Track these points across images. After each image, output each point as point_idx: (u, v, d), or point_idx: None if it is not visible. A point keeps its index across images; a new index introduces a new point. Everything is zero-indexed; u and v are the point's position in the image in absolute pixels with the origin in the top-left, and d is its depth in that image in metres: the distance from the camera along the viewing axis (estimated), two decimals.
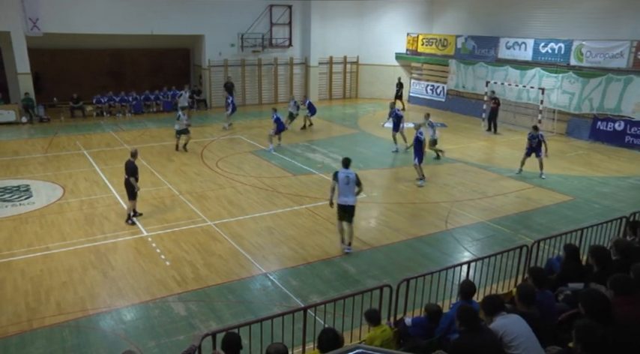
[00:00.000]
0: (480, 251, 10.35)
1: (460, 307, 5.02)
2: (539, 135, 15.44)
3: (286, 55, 28.41)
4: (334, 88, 30.43)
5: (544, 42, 22.24)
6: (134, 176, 11.66)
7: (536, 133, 15.47)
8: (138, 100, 25.13)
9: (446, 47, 27.10)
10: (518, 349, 4.49)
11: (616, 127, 19.71)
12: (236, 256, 10.22)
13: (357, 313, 6.69)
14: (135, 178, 11.66)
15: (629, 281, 4.79)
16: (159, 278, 9.27)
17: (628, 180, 15.65)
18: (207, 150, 18.34)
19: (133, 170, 11.68)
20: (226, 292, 8.86)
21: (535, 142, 15.47)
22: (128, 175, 11.66)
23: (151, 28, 24.00)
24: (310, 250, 10.50)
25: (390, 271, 9.55)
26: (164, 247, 10.52)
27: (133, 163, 11.75)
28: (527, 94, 22.53)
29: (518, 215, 12.66)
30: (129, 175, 11.65)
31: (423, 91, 28.60)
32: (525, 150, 15.73)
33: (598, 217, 11.28)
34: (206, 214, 12.30)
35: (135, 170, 11.71)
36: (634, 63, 19.29)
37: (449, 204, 13.29)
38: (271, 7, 27.11)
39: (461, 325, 4.70)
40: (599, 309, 4.31)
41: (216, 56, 26.39)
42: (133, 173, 11.67)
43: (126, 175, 11.70)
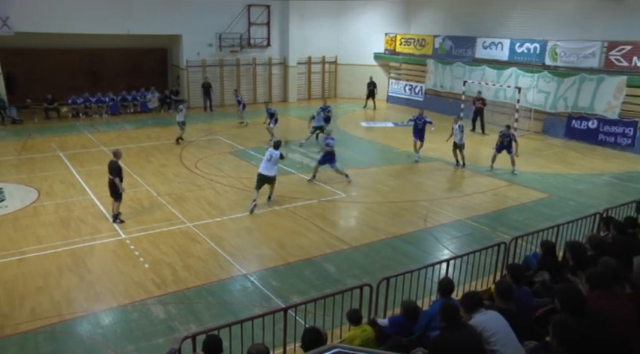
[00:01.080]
0: (459, 249, 10.46)
1: (442, 303, 5.07)
2: (510, 133, 15.72)
3: (265, 55, 28.33)
4: (313, 88, 30.45)
5: (520, 42, 22.57)
6: (119, 177, 11.54)
7: (507, 131, 15.77)
8: (115, 100, 24.81)
9: (424, 47, 27.31)
10: (497, 345, 4.54)
11: (590, 126, 20.08)
12: (215, 258, 10.15)
13: (337, 313, 6.70)
14: (119, 179, 11.54)
15: (605, 276, 4.88)
16: (137, 281, 9.16)
17: (602, 177, 15.96)
18: (186, 151, 18.19)
19: (117, 171, 11.56)
20: (206, 294, 8.80)
21: (506, 140, 15.74)
22: (113, 175, 11.52)
23: (128, 28, 23.71)
24: (290, 251, 10.48)
25: (370, 270, 9.59)
26: (142, 250, 10.39)
27: (116, 163, 11.63)
28: (504, 93, 22.83)
29: (496, 213, 12.81)
30: (113, 175, 11.52)
31: (402, 90, 28.76)
32: (495, 147, 16.02)
33: (573, 213, 11.47)
34: (185, 216, 12.19)
35: (119, 171, 11.60)
36: (605, 63, 19.71)
37: (428, 203, 13.38)
38: (249, 6, 27.00)
39: (442, 321, 4.74)
40: (574, 304, 4.38)
41: (194, 56, 26.19)
42: (118, 174, 11.55)
43: (110, 176, 11.57)
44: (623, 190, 14.43)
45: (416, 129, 17.07)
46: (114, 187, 11.56)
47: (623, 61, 19.22)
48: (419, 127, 16.98)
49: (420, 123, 16.95)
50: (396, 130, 20.37)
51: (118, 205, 11.75)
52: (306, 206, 12.99)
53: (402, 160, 17.52)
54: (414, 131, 17.13)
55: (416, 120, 17.06)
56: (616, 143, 19.23)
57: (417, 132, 17.07)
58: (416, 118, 17.07)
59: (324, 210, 12.82)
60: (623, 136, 19.10)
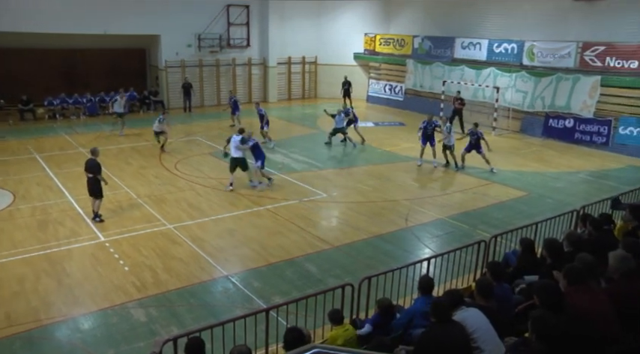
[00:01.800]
0: (440, 247, 10.55)
1: (434, 300, 5.14)
2: (478, 132, 15.89)
3: (244, 56, 28.22)
4: (293, 88, 30.42)
5: (498, 42, 22.84)
6: (100, 173, 11.54)
7: (475, 129, 15.93)
8: (93, 101, 24.47)
9: (403, 47, 27.47)
10: (478, 342, 4.60)
11: (566, 125, 20.41)
12: (197, 259, 10.08)
13: (319, 313, 6.71)
14: (101, 175, 11.60)
15: (582, 271, 4.96)
16: (117, 284, 9.05)
17: (578, 175, 16.23)
18: (166, 152, 18.01)
19: (97, 167, 11.53)
20: (187, 296, 8.73)
21: (474, 138, 15.92)
22: (93, 173, 11.45)
23: (105, 28, 23.41)
24: (272, 251, 10.46)
25: (352, 270, 9.61)
26: (122, 252, 10.27)
27: (94, 160, 11.58)
28: (482, 93, 23.07)
29: (476, 211, 12.94)
30: (94, 173, 11.45)
31: (382, 90, 28.90)
32: (465, 146, 16.25)
33: (551, 211, 11.62)
34: (165, 218, 12.08)
35: (99, 168, 11.57)
36: (580, 63, 20.08)
37: (408, 202, 13.47)
38: (228, 7, 26.86)
39: (432, 316, 4.79)
40: (552, 299, 4.46)
41: (173, 57, 25.96)
42: (99, 171, 11.53)
43: (90, 174, 11.50)
44: (599, 188, 14.70)
45: (425, 134, 16.68)
46: (94, 185, 11.48)
47: (597, 62, 19.60)
48: (428, 133, 16.62)
49: (430, 128, 16.60)
50: (377, 129, 20.48)
51: (99, 203, 11.67)
52: (287, 206, 12.98)
53: (383, 160, 17.60)
54: (423, 137, 16.77)
55: (426, 126, 16.64)
56: (591, 142, 19.58)
57: (426, 137, 16.72)
58: (426, 124, 16.64)
59: (305, 210, 12.82)
60: (598, 135, 19.45)
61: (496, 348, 4.61)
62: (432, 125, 16.64)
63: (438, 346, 4.52)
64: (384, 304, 6.24)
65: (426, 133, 16.63)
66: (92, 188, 11.61)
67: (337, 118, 18.90)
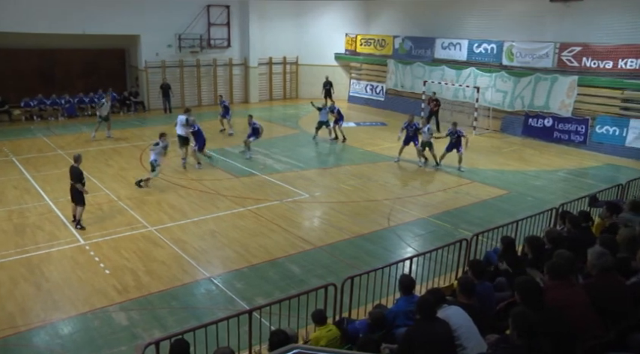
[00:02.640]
0: (422, 246, 10.61)
1: (420, 297, 5.17)
2: (458, 131, 16.05)
3: (225, 56, 28.07)
4: (274, 88, 30.34)
5: (477, 42, 23.09)
6: (80, 182, 11.23)
7: (455, 129, 16.08)
8: (71, 102, 24.12)
9: (384, 47, 27.60)
10: (460, 339, 4.64)
11: (545, 124, 20.69)
12: (179, 262, 10.00)
13: (302, 313, 6.70)
14: (81, 184, 11.25)
15: (563, 267, 5.04)
16: (98, 288, 8.93)
17: (557, 173, 16.46)
18: (147, 153, 17.79)
19: (77, 176, 11.24)
20: (169, 299, 8.65)
21: (454, 137, 16.07)
22: (73, 181, 11.20)
23: (83, 28, 23.09)
24: (254, 252, 10.42)
25: (335, 270, 9.62)
26: (103, 256, 10.14)
27: (77, 168, 11.31)
28: (463, 92, 23.28)
29: (458, 210, 13.04)
30: (74, 181, 11.20)
31: (363, 90, 28.98)
32: (446, 146, 16.35)
33: (531, 209, 11.77)
34: (147, 220, 11.96)
35: (80, 175, 11.29)
36: (558, 63, 20.41)
37: (391, 201, 13.52)
38: (209, 7, 26.70)
39: (417, 313, 4.81)
40: (532, 296, 4.52)
41: (153, 57, 25.71)
42: (79, 179, 11.23)
43: (71, 181, 11.26)
44: (577, 186, 14.93)
45: (407, 135, 16.88)
46: (76, 192, 11.26)
47: (574, 62, 19.93)
48: (410, 133, 16.79)
49: (411, 130, 16.75)
50: (358, 129, 20.53)
51: (81, 210, 11.44)
52: (269, 207, 12.94)
53: (365, 160, 17.65)
54: (406, 138, 16.89)
55: (407, 127, 16.78)
56: (570, 140, 19.88)
57: (408, 138, 16.83)
58: (407, 125, 16.78)
59: (287, 211, 12.80)
60: (576, 134, 19.76)
61: (478, 345, 4.66)
62: (412, 127, 16.75)
63: (423, 343, 4.55)
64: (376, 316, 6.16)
65: (407, 133, 16.80)
66: (72, 195, 11.38)
67: (322, 112, 19.36)
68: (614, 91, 18.99)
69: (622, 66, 18.69)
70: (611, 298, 4.92)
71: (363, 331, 6.05)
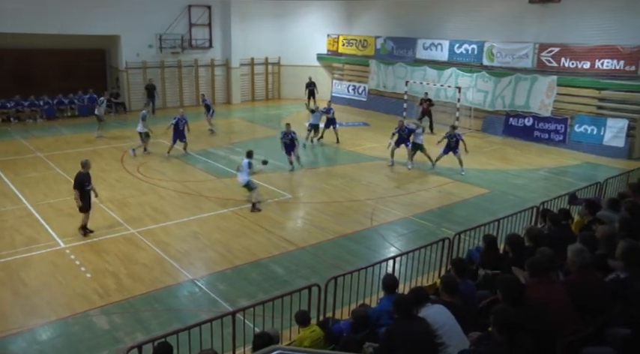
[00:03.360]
0: (405, 246, 10.65)
1: (397, 296, 5.17)
2: (456, 134, 16.10)
3: (207, 57, 27.91)
4: (257, 89, 30.24)
5: (458, 43, 23.29)
6: (82, 188, 10.86)
7: (453, 132, 16.11)
8: (50, 104, 23.76)
9: (366, 48, 27.69)
10: (443, 338, 4.67)
11: (526, 123, 20.94)
12: (161, 264, 9.91)
13: (286, 314, 6.68)
14: (85, 190, 10.90)
15: (543, 264, 5.09)
16: (79, 292, 8.80)
17: (538, 172, 16.67)
18: (128, 155, 17.66)
19: (79, 183, 10.87)
20: (152, 301, 8.57)
21: (453, 141, 16.10)
22: (75, 187, 10.88)
23: (62, 28, 22.74)
24: (237, 254, 10.37)
25: (318, 270, 9.62)
26: (84, 259, 10.01)
27: (81, 174, 10.94)
28: (444, 92, 23.44)
29: (440, 209, 13.13)
30: (74, 186, 10.89)
31: (345, 91, 29.02)
32: (442, 148, 16.30)
33: (513, 207, 11.88)
34: (128, 222, 11.83)
35: (81, 182, 10.87)
36: (538, 63, 20.70)
37: (373, 201, 13.56)
38: (190, 7, 26.52)
39: (396, 312, 4.82)
40: (514, 294, 4.56)
41: (134, 58, 25.44)
42: (80, 185, 10.85)
43: (75, 189, 10.92)
44: (557, 184, 15.13)
45: (400, 137, 16.68)
46: (81, 198, 10.90)
47: (553, 62, 20.24)
48: (404, 136, 16.68)
49: (404, 133, 16.64)
50: (341, 130, 20.50)
51: (86, 216, 11.09)
52: None
53: (347, 160, 17.68)
54: (398, 140, 16.72)
55: (399, 131, 16.71)
56: (550, 139, 20.14)
57: (401, 140, 16.69)
58: (399, 130, 16.64)
59: (270, 211, 12.76)
60: (555, 133, 20.02)
61: (461, 343, 4.69)
62: (404, 130, 16.65)
63: (402, 342, 4.56)
64: (359, 315, 6.20)
65: (401, 136, 16.59)
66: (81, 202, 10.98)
67: (315, 114, 19.26)
68: (591, 90, 19.31)
69: (599, 66, 19.03)
70: (589, 295, 4.99)
71: (347, 330, 6.05)
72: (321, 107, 20.51)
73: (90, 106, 24.66)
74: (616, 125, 18.37)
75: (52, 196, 13.38)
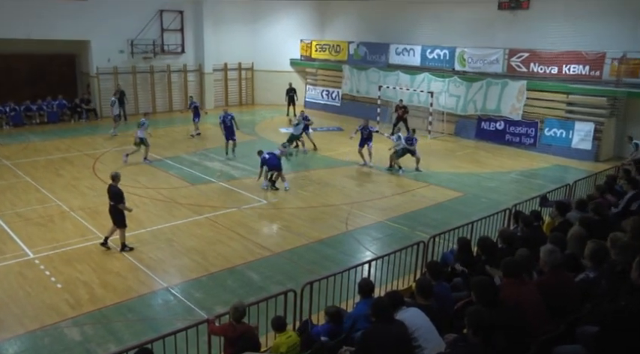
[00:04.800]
0: (380, 250, 10.70)
1: (375, 299, 5.18)
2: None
3: (179, 62, 27.67)
4: (230, 94, 30.10)
5: (430, 48, 23.60)
6: (122, 202, 10.47)
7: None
8: (17, 110, 23.19)
9: (339, 53, 27.82)
10: (419, 340, 4.70)
11: (497, 127, 21.30)
12: (135, 272, 9.75)
13: (262, 320, 6.64)
14: (123, 204, 10.49)
15: (517, 265, 5.16)
16: (49, 303, 8.59)
17: (510, 175, 16.95)
18: (100, 162, 17.37)
19: (119, 196, 10.44)
20: (125, 311, 8.42)
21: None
22: (115, 202, 10.42)
23: (29, 32, 22.26)
24: (212, 260, 10.28)
25: (294, 276, 9.59)
26: (54, 269, 9.77)
27: (115, 187, 10.49)
28: (417, 97, 23.69)
29: (415, 213, 13.23)
30: (115, 202, 10.41)
31: (319, 96, 29.10)
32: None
33: (486, 210, 12.03)
34: (101, 231, 11.57)
35: (121, 196, 10.45)
36: (508, 68, 21.12)
37: (348, 206, 13.60)
38: (161, 12, 26.27)
39: (373, 315, 4.84)
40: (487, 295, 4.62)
41: (105, 63, 25.06)
42: (121, 199, 10.46)
43: (112, 202, 10.46)
44: (528, 186, 15.41)
45: (361, 137, 17.09)
46: (117, 214, 10.47)
47: (523, 67, 20.68)
48: (364, 136, 17.04)
49: (365, 132, 17.00)
50: (315, 135, 20.53)
51: (123, 233, 10.66)
52: (226, 214, 12.81)
53: (322, 165, 17.70)
54: (361, 141, 17.13)
55: (361, 129, 16.99)
56: (521, 143, 20.52)
57: (363, 140, 17.09)
58: (361, 128, 17.03)
59: (245, 217, 12.69)
60: (526, 136, 20.41)
61: (437, 345, 4.73)
62: (367, 130, 17.02)
63: (380, 345, 4.58)
64: (331, 312, 6.24)
65: (362, 136, 17.08)
66: (114, 217, 10.51)
67: (297, 127, 19.26)
68: (560, 95, 19.77)
69: (566, 71, 19.50)
70: (561, 295, 5.08)
71: (324, 334, 6.07)
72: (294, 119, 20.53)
73: (59, 112, 24.29)
74: (583, 129, 18.82)
75: (21, 206, 13.06)
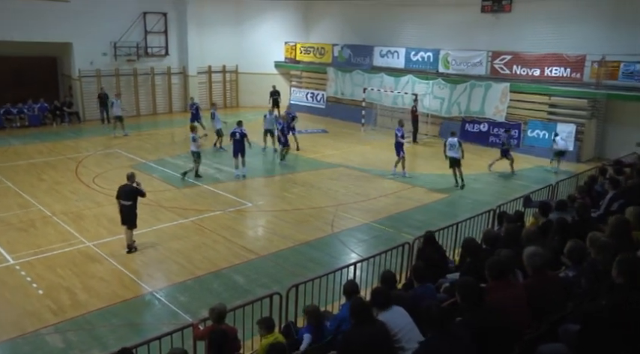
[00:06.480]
0: (366, 252, 10.70)
1: (353, 299, 5.17)
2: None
3: (163, 65, 27.48)
4: (214, 97, 29.90)
5: (414, 51, 23.74)
6: (134, 200, 10.62)
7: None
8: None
9: (323, 55, 27.86)
10: (402, 342, 4.71)
11: (481, 129, 21.48)
12: (119, 277, 9.65)
13: (248, 324, 6.62)
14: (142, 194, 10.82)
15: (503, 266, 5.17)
16: (30, 310, 8.46)
17: (494, 176, 17.10)
18: (83, 166, 17.17)
19: (133, 194, 10.57)
20: (109, 316, 8.33)
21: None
22: (132, 201, 10.52)
23: (10, 34, 21.96)
24: (198, 264, 10.22)
25: (280, 279, 9.57)
26: (36, 275, 9.64)
27: (130, 186, 10.58)
28: (402, 99, 23.78)
29: (400, 214, 13.28)
30: (133, 200, 10.52)
31: (304, 98, 29.09)
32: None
33: (471, 211, 12.10)
34: (84, 235, 11.48)
35: (136, 195, 10.60)
36: (491, 70, 21.33)
37: (334, 208, 13.61)
38: (145, 14, 26.07)
39: (352, 317, 4.83)
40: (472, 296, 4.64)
41: (88, 66, 24.77)
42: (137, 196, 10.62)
43: (127, 202, 10.49)
44: (513, 187, 15.55)
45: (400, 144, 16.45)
46: (129, 214, 10.51)
47: (506, 69, 20.89)
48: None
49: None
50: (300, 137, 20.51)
51: (132, 233, 10.68)
52: (212, 218, 12.74)
53: (307, 167, 17.68)
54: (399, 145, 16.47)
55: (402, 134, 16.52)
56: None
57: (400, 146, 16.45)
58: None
59: (230, 220, 12.64)
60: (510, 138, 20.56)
61: None
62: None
63: (360, 347, 4.57)
64: (310, 311, 6.25)
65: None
66: (128, 217, 10.54)
67: (267, 118, 19.44)
68: (542, 97, 20.00)
69: (548, 73, 19.74)
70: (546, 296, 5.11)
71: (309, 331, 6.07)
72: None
73: (41, 115, 23.98)
74: (565, 130, 19.02)
75: (1, 210, 12.87)
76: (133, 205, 10.62)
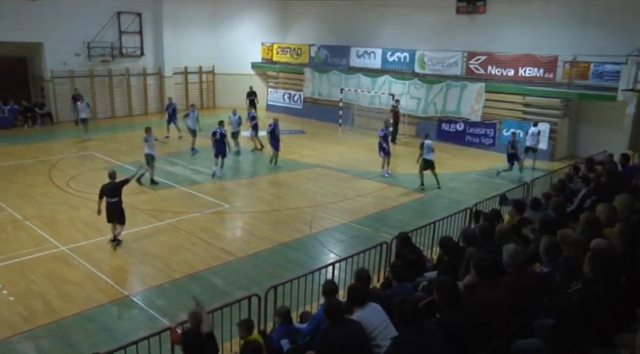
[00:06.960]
0: (344, 252, 10.71)
1: (326, 301, 5.17)
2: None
3: (139, 65, 27.13)
4: (191, 98, 29.59)
5: (391, 51, 23.90)
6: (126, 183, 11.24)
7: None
8: None
9: (300, 56, 27.85)
10: (377, 339, 4.73)
11: (457, 128, 21.71)
12: (94, 281, 9.49)
13: (226, 326, 6.56)
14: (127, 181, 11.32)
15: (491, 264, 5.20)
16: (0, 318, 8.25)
17: (470, 175, 17.29)
18: (56, 169, 16.84)
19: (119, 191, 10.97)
20: (84, 322, 8.18)
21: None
22: (117, 197, 10.85)
23: None
24: (175, 267, 10.10)
25: (258, 280, 9.52)
26: (6, 281, 9.40)
27: (114, 183, 10.97)
28: (379, 99, 23.92)
29: (378, 214, 13.34)
30: (118, 196, 10.86)
31: (281, 99, 29.04)
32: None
33: (448, 210, 12.18)
34: (57, 239, 11.25)
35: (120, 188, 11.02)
36: (467, 71, 21.60)
37: (312, 208, 13.60)
38: (119, 14, 25.70)
39: (327, 318, 4.83)
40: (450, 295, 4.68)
41: (60, 66, 24.27)
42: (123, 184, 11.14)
43: (114, 199, 10.80)
44: (488, 186, 15.74)
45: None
46: (117, 210, 10.83)
47: (481, 70, 21.17)
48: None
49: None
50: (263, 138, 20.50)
51: (122, 228, 10.99)
52: (189, 220, 12.62)
53: (285, 168, 17.63)
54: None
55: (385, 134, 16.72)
56: (480, 143, 20.97)
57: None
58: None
59: (208, 222, 12.54)
60: (485, 137, 20.87)
61: None
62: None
63: (336, 348, 4.58)
64: (281, 312, 6.27)
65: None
66: (116, 213, 10.86)
67: (232, 119, 19.38)
68: (516, 96, 20.31)
69: (522, 74, 20.10)
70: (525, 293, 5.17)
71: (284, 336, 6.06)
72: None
73: (12, 117, 23.45)
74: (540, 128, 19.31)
75: None
76: (119, 201, 10.94)
